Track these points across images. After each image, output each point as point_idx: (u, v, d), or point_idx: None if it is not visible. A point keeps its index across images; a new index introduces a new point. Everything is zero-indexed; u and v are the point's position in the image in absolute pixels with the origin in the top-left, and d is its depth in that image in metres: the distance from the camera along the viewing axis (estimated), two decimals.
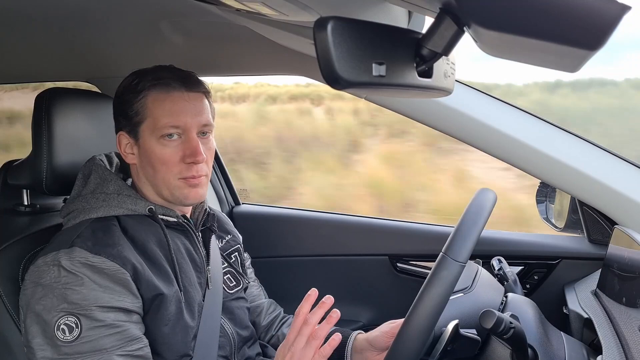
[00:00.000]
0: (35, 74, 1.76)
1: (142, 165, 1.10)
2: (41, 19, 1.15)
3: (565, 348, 1.02)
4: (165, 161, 1.07)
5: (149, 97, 1.07)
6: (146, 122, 1.07)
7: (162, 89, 1.07)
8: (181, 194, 1.09)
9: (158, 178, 1.08)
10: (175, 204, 1.13)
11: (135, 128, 1.08)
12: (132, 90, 1.08)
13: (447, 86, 0.69)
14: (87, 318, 0.95)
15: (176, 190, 1.08)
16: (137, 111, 1.07)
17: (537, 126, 1.31)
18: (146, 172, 1.10)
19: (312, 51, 0.56)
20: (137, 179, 1.14)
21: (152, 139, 1.07)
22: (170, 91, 1.07)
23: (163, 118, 1.06)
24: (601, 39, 0.46)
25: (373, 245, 1.74)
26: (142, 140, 1.08)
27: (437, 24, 0.59)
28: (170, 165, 1.07)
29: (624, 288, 1.10)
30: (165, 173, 1.07)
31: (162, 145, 1.06)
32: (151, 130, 1.07)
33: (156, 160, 1.07)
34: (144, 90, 1.07)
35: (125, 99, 1.09)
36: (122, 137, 1.11)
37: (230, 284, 1.26)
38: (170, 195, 1.10)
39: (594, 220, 1.42)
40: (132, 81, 1.09)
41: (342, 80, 0.54)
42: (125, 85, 1.10)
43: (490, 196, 0.95)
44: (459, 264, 0.86)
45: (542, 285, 1.54)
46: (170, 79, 1.08)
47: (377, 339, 1.18)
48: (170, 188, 1.08)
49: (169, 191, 1.09)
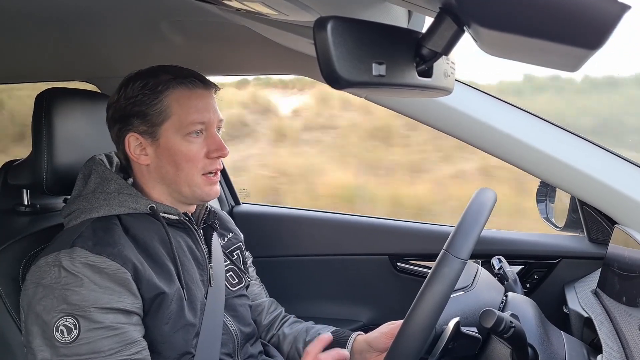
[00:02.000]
0: (35, 74, 1.76)
1: (159, 165, 1.10)
2: (41, 19, 1.15)
3: (566, 347, 1.02)
4: (191, 158, 1.08)
5: (171, 95, 1.07)
6: (170, 120, 1.07)
7: (185, 87, 1.09)
8: (202, 191, 1.11)
9: (181, 176, 1.09)
10: (187, 204, 1.15)
11: (155, 128, 1.08)
12: (150, 90, 1.07)
13: (447, 86, 0.69)
14: (85, 319, 0.95)
15: (198, 187, 1.10)
16: (159, 111, 1.07)
17: (538, 125, 1.31)
18: (164, 172, 1.10)
19: (312, 51, 0.56)
20: (142, 180, 1.13)
21: (176, 137, 1.08)
22: (192, 89, 1.09)
23: (190, 115, 1.07)
24: (601, 38, 0.46)
25: (373, 245, 1.74)
26: (163, 139, 1.08)
27: (437, 23, 0.59)
28: (196, 161, 1.09)
29: (624, 287, 1.10)
30: (189, 169, 1.09)
31: (188, 142, 1.08)
32: (176, 129, 1.07)
33: (181, 157, 1.08)
34: (167, 89, 1.07)
35: (142, 100, 1.07)
36: (132, 139, 1.10)
37: (232, 282, 1.26)
38: (190, 193, 1.11)
39: (594, 220, 1.42)
40: (145, 82, 1.08)
41: (342, 80, 0.54)
42: (138, 86, 1.08)
43: (491, 195, 0.95)
44: (460, 261, 0.86)
45: (542, 284, 1.54)
46: (188, 77, 1.09)
47: (376, 340, 1.18)
48: (192, 185, 1.10)
49: (190, 189, 1.10)
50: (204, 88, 1.11)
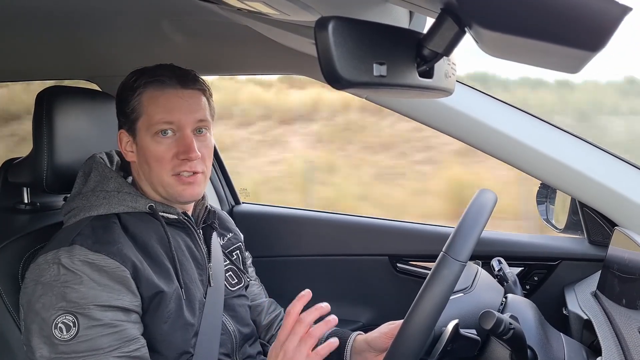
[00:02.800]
0: (36, 72, 1.76)
1: (140, 162, 1.11)
2: (43, 18, 1.15)
3: (565, 349, 1.02)
4: (158, 158, 1.08)
5: (144, 94, 1.08)
6: (141, 119, 1.09)
7: (156, 86, 1.08)
8: (175, 191, 1.09)
9: (153, 175, 1.09)
10: (172, 202, 1.14)
11: (133, 125, 1.10)
12: (129, 88, 1.10)
13: (447, 87, 0.69)
14: (84, 317, 0.95)
15: (169, 187, 1.09)
16: (133, 108, 1.09)
17: (538, 127, 1.31)
18: (143, 170, 1.11)
19: (313, 51, 0.56)
20: (137, 177, 1.15)
21: (147, 136, 1.08)
22: (164, 88, 1.08)
23: (156, 115, 1.07)
24: (602, 40, 0.46)
25: (373, 246, 1.74)
26: (138, 137, 1.10)
27: (438, 24, 0.59)
28: (164, 162, 1.08)
29: (623, 289, 1.10)
30: (159, 170, 1.08)
31: (156, 142, 1.08)
32: (146, 127, 1.08)
33: (150, 157, 1.08)
34: (140, 87, 1.08)
35: (123, 97, 1.11)
36: (122, 135, 1.13)
37: (232, 282, 1.26)
38: (165, 193, 1.11)
39: (594, 222, 1.41)
40: (130, 79, 1.11)
41: (343, 80, 0.54)
42: (124, 83, 1.12)
43: (491, 197, 0.95)
44: (459, 263, 0.86)
45: (542, 286, 1.54)
46: (165, 76, 1.09)
47: (376, 340, 1.18)
48: (164, 185, 1.09)
49: (164, 188, 1.10)
50: (180, 88, 1.09)
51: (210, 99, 1.15)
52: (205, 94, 1.13)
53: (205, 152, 1.11)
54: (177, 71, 1.11)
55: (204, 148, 1.10)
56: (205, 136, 1.12)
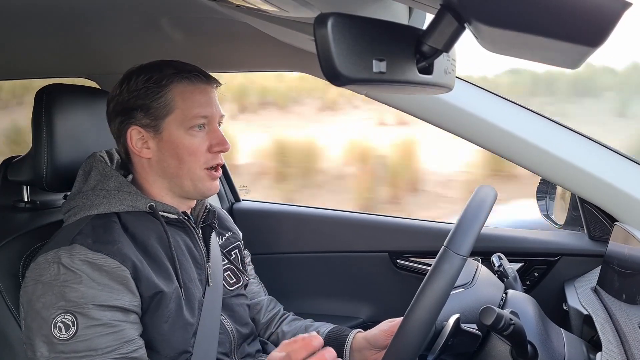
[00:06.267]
0: (35, 70, 1.75)
1: (161, 158, 1.10)
2: (42, 15, 1.15)
3: (565, 344, 1.02)
4: (193, 151, 1.09)
5: (175, 89, 1.08)
6: (173, 114, 1.08)
7: (189, 81, 1.09)
8: (204, 186, 1.12)
9: (183, 169, 1.10)
10: (187, 199, 1.16)
11: (158, 121, 1.09)
12: (155, 84, 1.08)
13: (447, 83, 0.69)
14: (83, 316, 0.94)
15: (200, 181, 1.11)
16: (163, 104, 1.08)
17: (538, 123, 1.31)
18: (166, 166, 1.10)
19: (313, 47, 0.56)
20: (143, 175, 1.13)
21: (179, 130, 1.08)
22: (196, 83, 1.10)
23: (193, 109, 1.08)
24: (602, 35, 0.46)
25: (373, 242, 1.74)
26: (166, 132, 1.09)
27: (437, 20, 0.58)
28: (198, 155, 1.10)
29: (624, 285, 1.10)
30: (192, 163, 1.10)
31: (190, 136, 1.09)
32: (180, 122, 1.08)
33: (184, 151, 1.09)
34: (171, 83, 1.08)
35: (146, 94, 1.08)
36: (134, 132, 1.10)
37: (230, 281, 1.26)
38: (192, 187, 1.12)
39: (594, 217, 1.42)
40: (149, 76, 1.09)
41: (342, 76, 0.54)
42: (142, 80, 1.09)
43: (491, 192, 0.95)
44: (460, 257, 0.86)
45: (542, 282, 1.54)
46: (191, 72, 1.10)
47: (376, 338, 1.18)
48: (194, 179, 1.11)
49: (192, 183, 1.11)
50: (207, 83, 1.12)
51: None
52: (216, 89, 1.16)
53: None
54: (193, 67, 1.12)
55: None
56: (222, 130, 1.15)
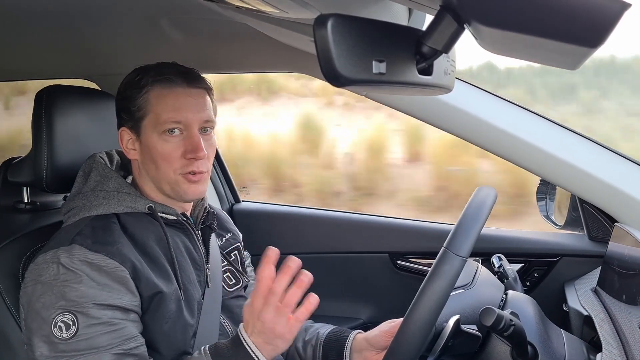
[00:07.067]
0: (35, 71, 1.75)
1: (143, 161, 1.11)
2: (41, 16, 1.15)
3: (565, 345, 1.02)
4: (166, 157, 1.07)
5: (151, 92, 1.07)
6: (148, 117, 1.08)
7: (164, 84, 1.07)
8: (181, 189, 1.09)
9: (159, 173, 1.09)
10: (175, 200, 1.13)
11: (138, 124, 1.09)
12: (134, 86, 1.08)
13: (447, 84, 0.69)
14: (84, 315, 0.95)
15: (176, 185, 1.09)
16: (139, 107, 1.08)
17: (537, 123, 1.31)
18: (147, 168, 1.10)
19: (312, 48, 0.56)
20: (138, 176, 1.14)
21: (154, 134, 1.07)
22: (172, 87, 1.08)
23: (165, 113, 1.06)
24: (602, 36, 0.46)
25: (373, 243, 1.74)
26: (143, 136, 1.09)
27: (437, 21, 0.59)
28: (172, 160, 1.07)
29: (624, 286, 1.10)
30: (166, 168, 1.08)
31: (163, 141, 1.07)
32: (153, 126, 1.07)
33: (157, 155, 1.07)
34: (147, 85, 1.07)
35: (128, 95, 1.09)
36: (124, 133, 1.11)
37: (229, 283, 1.26)
38: (170, 191, 1.10)
39: (594, 218, 1.41)
40: (134, 77, 1.09)
41: (342, 77, 0.54)
42: (128, 81, 1.10)
43: (491, 193, 0.95)
44: (460, 259, 0.86)
45: (542, 282, 1.54)
46: (172, 74, 1.08)
47: (376, 339, 1.18)
48: (171, 183, 1.09)
49: (170, 186, 1.09)
50: (187, 87, 1.09)
51: (212, 97, 1.15)
52: (209, 93, 1.13)
53: (210, 151, 1.11)
54: (182, 69, 1.10)
55: (209, 147, 1.10)
56: (210, 135, 1.12)
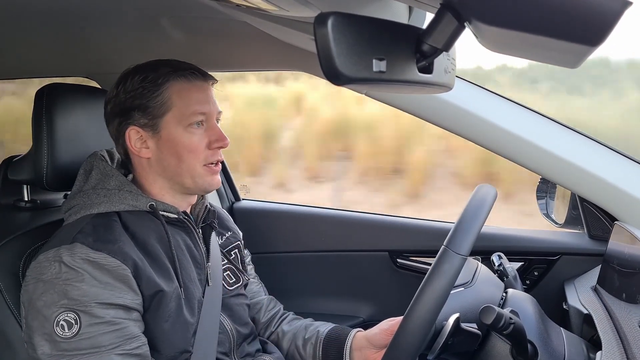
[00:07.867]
0: (35, 70, 1.75)
1: (160, 157, 1.11)
2: (41, 15, 1.15)
3: (565, 344, 1.02)
4: (193, 149, 1.10)
5: (172, 88, 1.09)
6: (171, 112, 1.09)
7: (185, 79, 1.10)
8: (204, 181, 1.12)
9: (182, 167, 1.10)
10: (193, 194, 1.16)
11: (156, 120, 1.09)
12: (152, 83, 1.08)
13: (447, 82, 0.69)
14: (86, 314, 0.95)
15: (200, 177, 1.11)
16: (160, 103, 1.08)
17: (537, 122, 1.31)
18: (165, 164, 1.11)
19: (313, 47, 0.56)
20: (143, 174, 1.14)
21: (178, 128, 1.09)
22: (192, 80, 1.11)
23: (191, 106, 1.09)
24: (602, 34, 0.46)
25: (373, 241, 1.74)
26: (165, 131, 1.09)
27: (437, 19, 0.58)
28: (198, 152, 1.10)
29: (623, 284, 1.10)
30: (192, 160, 1.10)
31: (190, 134, 1.09)
32: (178, 120, 1.09)
33: (183, 148, 1.09)
34: (167, 82, 1.09)
35: (142, 93, 1.08)
36: (132, 132, 1.10)
37: (230, 281, 1.26)
38: (193, 184, 1.12)
39: (594, 216, 1.42)
40: (145, 75, 1.09)
41: (342, 76, 0.54)
42: (138, 80, 1.09)
43: (491, 191, 0.95)
44: (460, 257, 0.86)
45: (542, 281, 1.54)
46: (187, 69, 1.11)
47: (376, 337, 1.18)
48: (195, 176, 1.11)
49: (192, 180, 1.11)
50: (203, 80, 1.12)
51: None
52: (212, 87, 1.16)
53: None
54: (190, 65, 1.13)
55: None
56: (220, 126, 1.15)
